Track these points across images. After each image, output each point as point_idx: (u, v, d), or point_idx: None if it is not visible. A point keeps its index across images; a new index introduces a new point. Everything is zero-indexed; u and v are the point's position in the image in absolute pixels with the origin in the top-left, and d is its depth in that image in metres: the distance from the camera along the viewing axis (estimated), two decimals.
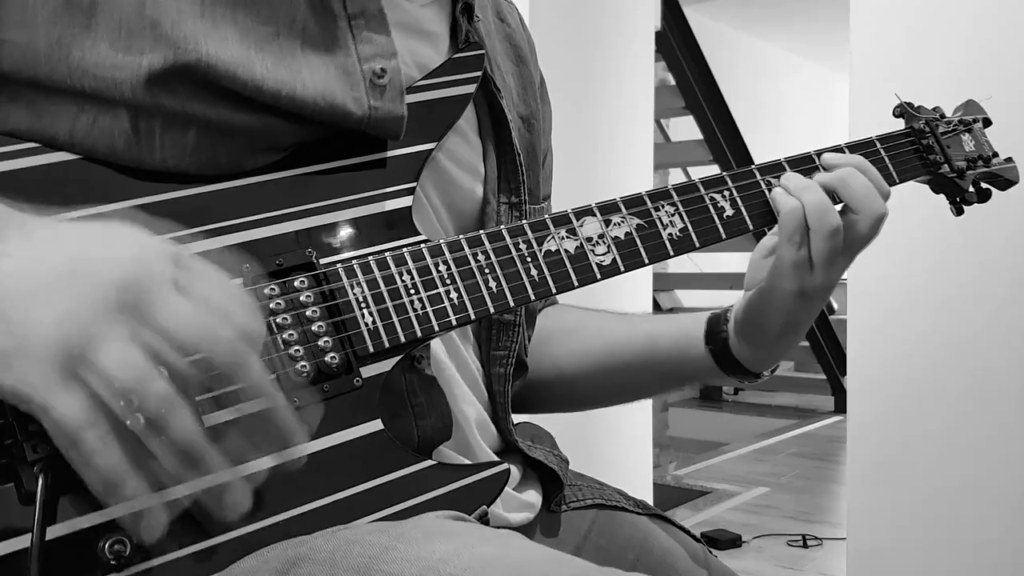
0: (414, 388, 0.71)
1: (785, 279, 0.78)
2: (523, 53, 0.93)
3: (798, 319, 0.81)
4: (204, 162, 0.65)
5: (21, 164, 0.62)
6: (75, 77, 0.62)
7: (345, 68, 0.69)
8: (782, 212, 0.78)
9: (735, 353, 0.87)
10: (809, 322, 0.83)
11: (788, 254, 0.78)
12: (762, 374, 0.88)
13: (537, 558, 0.60)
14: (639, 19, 2.91)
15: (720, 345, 0.87)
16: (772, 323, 0.82)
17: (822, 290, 0.79)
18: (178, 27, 0.63)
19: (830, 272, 0.78)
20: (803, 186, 0.78)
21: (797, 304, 0.79)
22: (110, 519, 0.57)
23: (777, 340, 0.83)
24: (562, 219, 0.75)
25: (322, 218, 0.68)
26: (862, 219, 0.78)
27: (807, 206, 0.77)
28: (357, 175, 0.71)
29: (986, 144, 0.94)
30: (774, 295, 0.80)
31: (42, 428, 0.56)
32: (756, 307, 0.83)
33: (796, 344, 0.85)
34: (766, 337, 0.83)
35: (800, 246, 0.77)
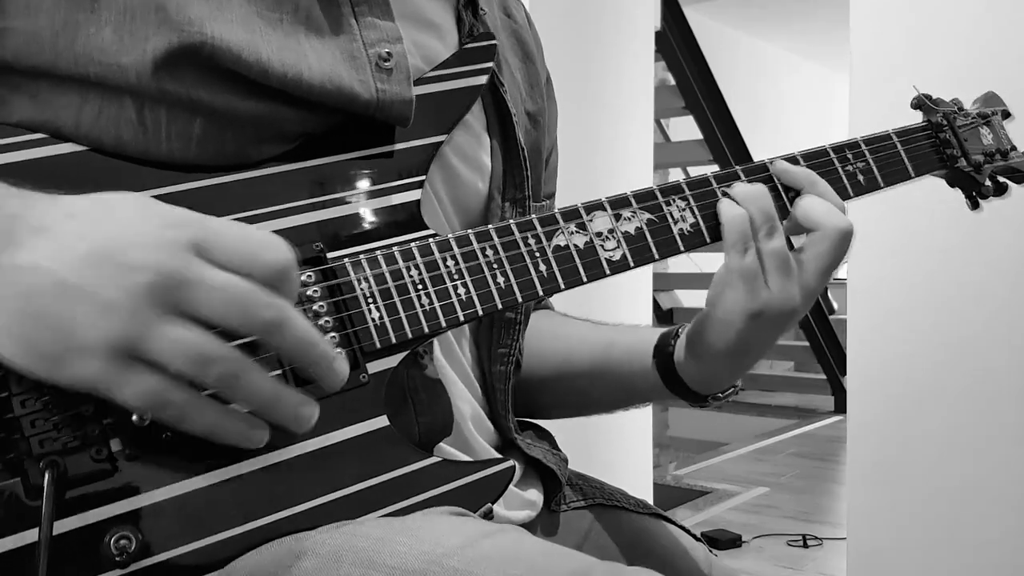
0: (416, 384, 0.71)
1: (735, 292, 0.73)
2: (530, 50, 0.93)
3: (748, 340, 0.75)
4: (211, 153, 0.65)
5: (28, 155, 0.62)
6: (80, 64, 0.62)
7: (351, 52, 0.69)
8: (726, 219, 0.74)
9: (679, 370, 0.82)
10: (763, 348, 0.77)
11: (734, 264, 0.73)
12: (707, 398, 0.83)
13: (539, 552, 0.60)
14: (639, 19, 2.91)
15: (665, 359, 0.83)
16: (719, 341, 0.76)
17: (778, 313, 0.73)
18: (183, 10, 0.63)
19: (786, 291, 0.73)
20: (751, 194, 0.75)
21: (748, 324, 0.74)
22: (116, 514, 0.58)
23: (725, 361, 0.78)
24: (572, 213, 0.74)
25: (329, 211, 0.68)
26: (823, 237, 0.74)
27: (752, 214, 0.74)
28: (365, 167, 0.70)
29: (1005, 137, 0.92)
30: (724, 310, 0.75)
31: (50, 424, 0.57)
32: (706, 322, 0.77)
33: (746, 370, 0.80)
34: (713, 356, 0.78)
35: (744, 255, 0.73)
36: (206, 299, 0.52)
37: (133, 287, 0.51)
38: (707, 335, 0.77)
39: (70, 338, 0.51)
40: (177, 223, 0.54)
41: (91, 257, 0.52)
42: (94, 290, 0.51)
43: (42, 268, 0.52)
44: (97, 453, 0.57)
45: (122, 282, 0.51)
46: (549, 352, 0.92)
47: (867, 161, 0.84)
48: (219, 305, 0.53)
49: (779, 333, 0.77)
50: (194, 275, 0.52)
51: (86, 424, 0.57)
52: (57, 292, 0.51)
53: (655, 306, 6.75)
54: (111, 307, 0.51)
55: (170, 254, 0.52)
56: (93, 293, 0.51)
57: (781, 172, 0.79)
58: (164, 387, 0.52)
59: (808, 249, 0.75)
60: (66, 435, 0.57)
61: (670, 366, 0.83)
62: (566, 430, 0.98)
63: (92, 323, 0.51)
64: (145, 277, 0.52)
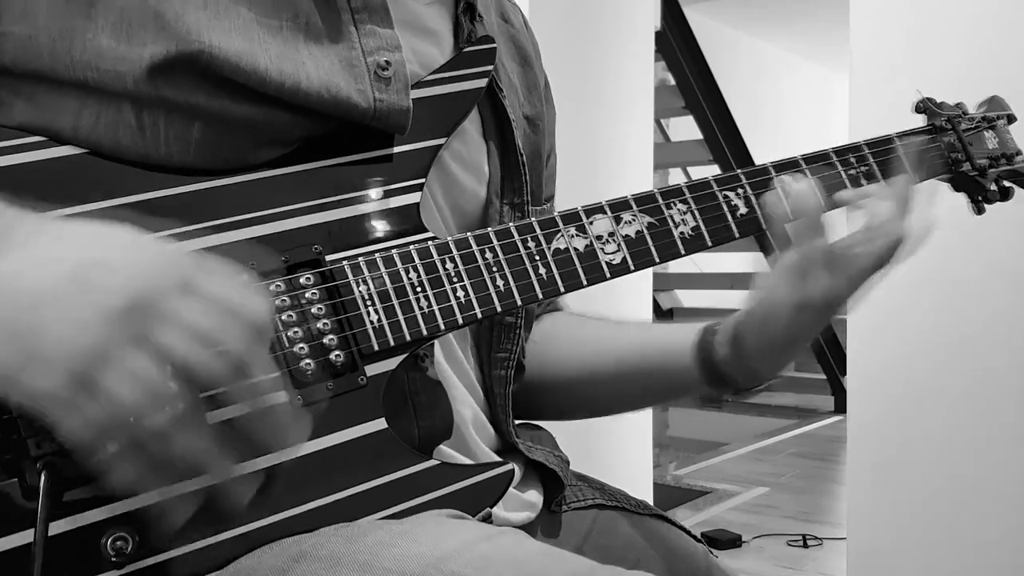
0: (416, 386, 0.71)
1: (783, 285, 0.76)
2: (527, 54, 0.92)
3: (794, 332, 0.77)
4: (209, 157, 0.65)
5: (27, 158, 0.62)
6: (78, 69, 0.62)
7: (349, 61, 0.69)
8: (774, 216, 0.77)
9: (720, 365, 0.83)
10: (806, 339, 0.79)
11: (784, 258, 0.76)
12: (749, 390, 0.84)
13: (539, 555, 0.60)
14: (639, 19, 2.91)
15: (706, 355, 0.83)
16: (766, 335, 0.78)
17: (824, 305, 0.75)
18: (181, 18, 0.63)
19: (830, 284, 0.75)
20: (798, 191, 0.76)
21: (795, 316, 0.76)
22: (113, 515, 0.58)
23: (772, 353, 0.79)
24: (572, 217, 0.74)
25: (328, 214, 0.68)
26: (876, 240, 0.76)
27: (794, 210, 0.76)
28: (364, 171, 0.70)
29: (1010, 141, 0.92)
30: (772, 303, 0.77)
31: (45, 426, 0.56)
32: (754, 316, 0.79)
33: (788, 362, 0.81)
34: (759, 350, 0.79)
35: (794, 251, 0.75)
36: (174, 333, 0.51)
37: (107, 310, 0.50)
38: (754, 329, 0.79)
39: (35, 348, 0.50)
40: (165, 257, 0.54)
41: (73, 275, 0.51)
42: (68, 306, 0.50)
43: (23, 277, 0.51)
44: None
45: (98, 304, 0.50)
46: (578, 354, 0.92)
47: (870, 164, 0.84)
48: (185, 341, 0.51)
49: (823, 325, 0.78)
50: (170, 308, 0.52)
51: None
52: (32, 302, 0.50)
53: (655, 306, 6.75)
54: (81, 325, 0.50)
55: (152, 285, 0.52)
56: (67, 308, 0.50)
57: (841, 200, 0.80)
58: (102, 431, 0.50)
59: (862, 244, 0.75)
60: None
61: (712, 362, 0.83)
62: (566, 431, 0.97)
63: (59, 337, 0.50)
64: (121, 302, 0.51)
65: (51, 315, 0.50)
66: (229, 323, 0.53)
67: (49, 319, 0.50)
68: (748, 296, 0.80)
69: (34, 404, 0.50)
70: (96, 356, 0.50)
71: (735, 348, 0.81)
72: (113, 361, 0.50)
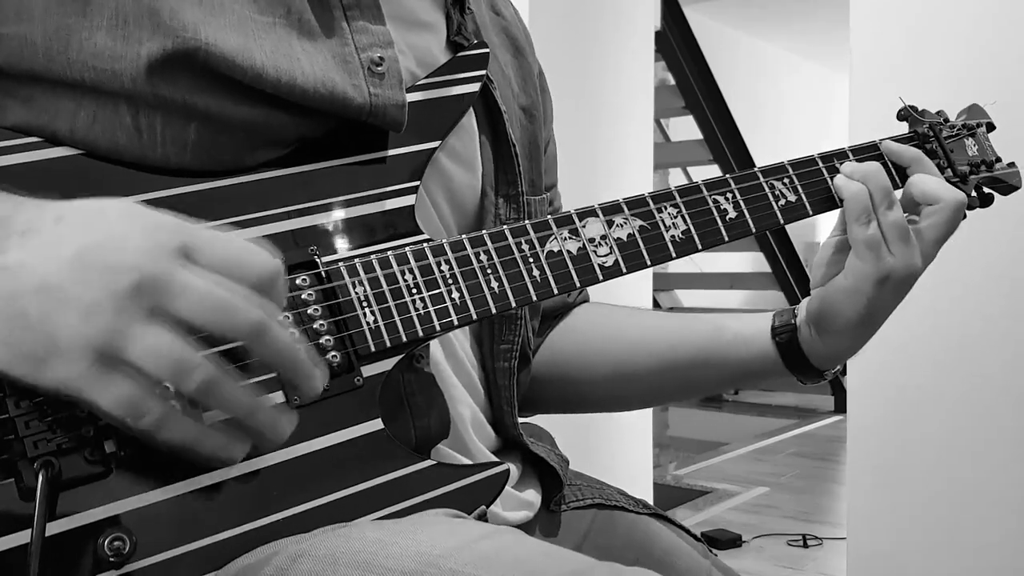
0: (412, 387, 0.71)
1: (862, 262, 0.79)
2: (520, 44, 0.93)
3: (877, 307, 0.81)
4: (206, 158, 0.65)
5: (23, 159, 0.62)
6: (74, 69, 0.62)
7: (343, 57, 0.69)
8: (847, 196, 0.80)
9: (804, 347, 0.86)
10: (887, 313, 0.83)
11: (859, 235, 0.79)
12: (824, 373, 0.88)
13: (537, 553, 0.60)
14: (639, 19, 2.91)
15: (788, 338, 0.86)
16: (849, 311, 0.81)
17: (903, 276, 0.79)
18: (176, 16, 0.63)
19: (908, 256, 0.79)
20: (863, 170, 0.81)
21: (876, 290, 0.79)
22: (110, 515, 0.58)
23: (854, 330, 0.83)
24: (565, 219, 0.75)
25: (324, 216, 0.68)
26: (943, 207, 0.81)
27: (871, 189, 0.80)
28: (360, 173, 0.70)
29: (989, 149, 0.94)
30: (852, 280, 0.80)
31: (44, 425, 0.57)
32: (834, 296, 0.82)
33: (869, 338, 0.85)
34: (843, 327, 0.83)
35: (867, 226, 0.79)
36: (189, 303, 0.52)
37: (117, 289, 0.51)
38: (837, 307, 0.82)
39: (52, 340, 0.50)
40: (165, 228, 0.54)
41: (77, 260, 0.51)
42: (78, 292, 0.51)
43: (26, 268, 0.51)
44: (91, 454, 0.57)
45: (106, 284, 0.51)
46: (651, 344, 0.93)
47: None
48: (202, 310, 0.52)
49: (900, 297, 0.82)
50: (178, 279, 0.52)
51: (80, 425, 0.57)
52: (40, 293, 0.51)
53: (655, 306, 6.75)
54: (94, 309, 0.50)
55: (155, 258, 0.52)
56: (77, 295, 0.51)
57: (891, 152, 0.86)
58: (142, 394, 0.51)
59: (926, 219, 0.81)
60: (60, 436, 0.57)
61: (794, 344, 0.86)
62: (566, 431, 0.98)
63: (74, 325, 0.50)
64: (129, 279, 0.51)
65: (63, 302, 0.50)
66: (238, 279, 0.53)
67: (62, 306, 0.50)
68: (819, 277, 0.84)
69: (65, 390, 0.51)
70: (115, 334, 0.50)
71: (818, 329, 0.84)
72: (134, 336, 0.51)
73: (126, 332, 0.51)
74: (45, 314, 0.50)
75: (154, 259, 0.52)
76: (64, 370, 0.51)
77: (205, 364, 0.52)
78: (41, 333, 0.51)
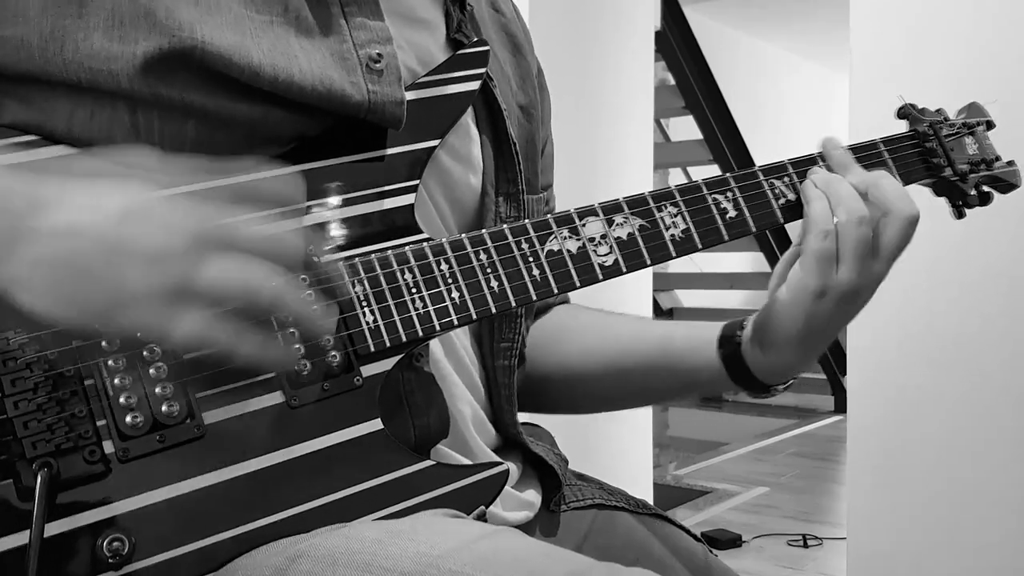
0: (412, 386, 0.71)
1: (809, 276, 0.75)
2: (519, 42, 0.92)
3: (819, 325, 0.77)
4: (204, 155, 0.65)
5: (20, 158, 0.62)
6: (70, 70, 0.62)
7: (341, 54, 0.69)
8: (811, 204, 0.77)
9: (747, 360, 0.83)
10: (831, 333, 0.79)
11: (815, 245, 0.75)
12: (773, 388, 0.85)
13: (536, 553, 0.60)
14: (639, 19, 2.91)
15: (732, 350, 0.84)
16: (791, 326, 0.78)
17: (849, 293, 0.75)
18: (173, 14, 0.63)
19: (858, 272, 0.75)
20: (831, 180, 0.77)
21: (818, 306, 0.76)
22: (109, 516, 0.58)
23: (795, 347, 0.79)
24: (565, 219, 0.74)
25: (324, 215, 0.68)
26: (892, 221, 0.76)
27: (834, 198, 0.76)
28: (359, 171, 0.70)
29: (989, 147, 0.93)
30: (797, 294, 0.77)
31: (43, 426, 0.57)
32: (776, 309, 0.79)
33: (814, 358, 0.81)
34: (783, 342, 0.79)
35: (826, 237, 0.75)
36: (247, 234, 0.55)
37: (179, 233, 0.53)
38: (775, 320, 0.79)
39: (121, 291, 0.52)
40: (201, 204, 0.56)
41: (124, 213, 0.53)
42: (138, 243, 0.52)
43: (79, 227, 0.52)
44: (90, 455, 0.57)
45: (162, 234, 0.53)
46: (601, 347, 0.92)
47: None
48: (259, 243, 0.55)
49: (846, 317, 0.78)
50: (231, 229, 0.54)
51: (79, 426, 0.57)
52: (101, 249, 0.52)
53: (655, 306, 6.75)
54: (158, 256, 0.52)
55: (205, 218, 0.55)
56: (138, 246, 0.52)
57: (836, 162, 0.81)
58: (212, 321, 0.53)
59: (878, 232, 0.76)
60: (59, 437, 0.57)
61: (737, 356, 0.83)
62: (566, 431, 0.98)
63: (141, 275, 0.52)
64: (191, 225, 0.53)
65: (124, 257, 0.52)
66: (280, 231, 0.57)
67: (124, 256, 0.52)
68: (769, 288, 0.80)
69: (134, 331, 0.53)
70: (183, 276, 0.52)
71: (759, 343, 0.82)
72: (201, 272, 0.53)
73: (194, 269, 0.52)
74: (109, 269, 0.52)
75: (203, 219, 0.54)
76: (135, 314, 0.52)
77: (270, 280, 0.54)
78: (110, 288, 0.52)
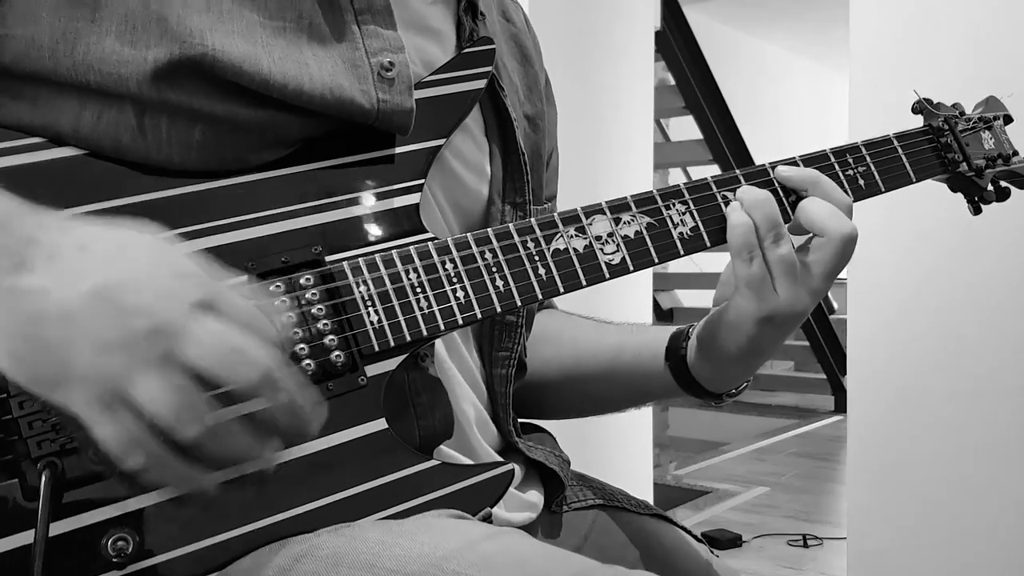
0: (417, 387, 0.71)
1: (743, 299, 0.74)
2: (528, 53, 0.92)
3: (760, 344, 0.76)
4: (210, 158, 0.65)
5: (27, 159, 0.62)
6: (80, 72, 0.62)
7: (353, 61, 0.69)
8: (731, 227, 0.74)
9: (693, 372, 0.82)
10: (773, 348, 0.78)
11: (741, 271, 0.73)
12: (722, 396, 0.84)
13: (540, 555, 0.60)
14: (639, 19, 2.91)
15: (678, 362, 0.83)
16: (731, 344, 0.77)
17: (789, 315, 0.74)
18: (184, 21, 0.63)
19: (794, 295, 0.73)
20: (756, 201, 0.74)
21: (759, 328, 0.74)
22: (113, 516, 0.58)
23: (736, 362, 0.79)
24: (571, 217, 0.74)
25: (328, 215, 0.68)
26: (828, 242, 0.74)
27: (757, 222, 0.73)
28: (364, 171, 0.70)
29: (1006, 142, 0.92)
30: (734, 315, 0.75)
31: (48, 426, 0.57)
32: (716, 326, 0.78)
33: (756, 368, 0.80)
34: (725, 358, 0.79)
35: (750, 263, 0.73)
36: (199, 352, 0.52)
37: (131, 331, 0.51)
38: (718, 339, 0.78)
39: (65, 367, 0.51)
40: (188, 279, 0.54)
41: (96, 294, 0.52)
42: (95, 327, 0.51)
43: (50, 297, 0.52)
44: (95, 454, 0.57)
45: (122, 324, 0.51)
46: (559, 355, 0.92)
47: (868, 165, 0.83)
48: (211, 360, 0.52)
49: (788, 334, 0.77)
50: (191, 329, 0.52)
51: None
52: (60, 322, 0.52)
53: (655, 306, 6.75)
54: (108, 347, 0.51)
55: (172, 307, 0.52)
56: (94, 330, 0.51)
57: (784, 179, 0.78)
58: (139, 435, 0.51)
59: (813, 253, 0.74)
60: (64, 437, 0.57)
61: (683, 367, 0.83)
62: (566, 430, 0.97)
63: (88, 359, 0.51)
64: (144, 323, 0.52)
65: (80, 334, 0.51)
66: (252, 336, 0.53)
67: (78, 337, 0.51)
68: (717, 297, 0.78)
69: (69, 414, 0.52)
70: (125, 374, 0.51)
71: (703, 354, 0.81)
72: (142, 379, 0.51)
73: (134, 374, 0.51)
74: (62, 343, 0.51)
75: (171, 307, 0.52)
76: (72, 397, 0.52)
77: (206, 415, 0.52)
78: (56, 359, 0.51)
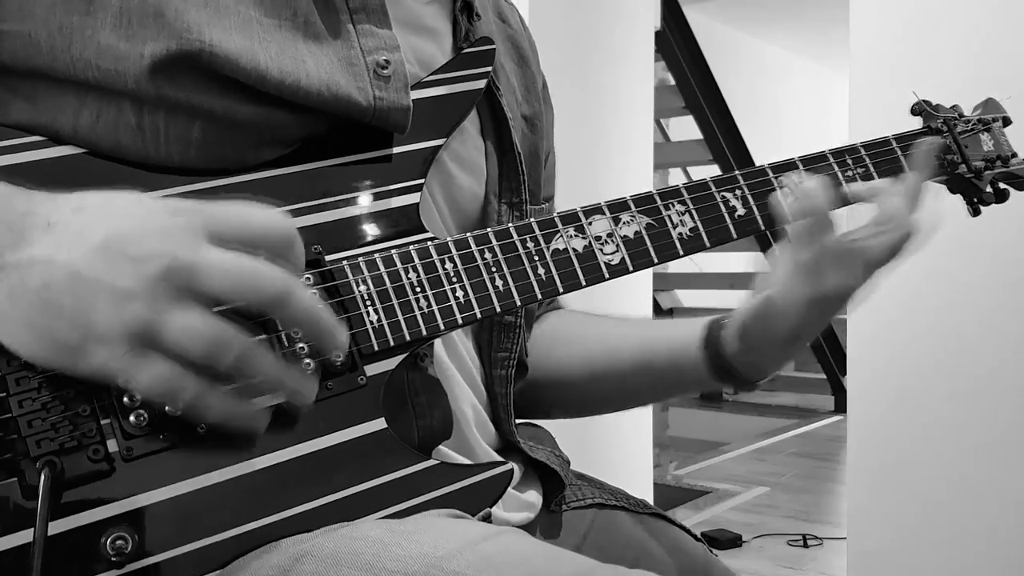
0: (416, 387, 0.71)
1: (796, 283, 0.77)
2: (525, 54, 0.92)
3: (805, 328, 0.79)
4: (209, 157, 0.65)
5: (26, 158, 0.62)
6: (77, 68, 0.62)
7: (348, 59, 0.69)
8: (785, 215, 0.78)
9: (730, 359, 0.84)
10: (815, 332, 0.81)
11: (797, 256, 0.77)
12: (756, 383, 0.86)
13: (539, 555, 0.60)
14: (639, 19, 2.91)
15: (714, 349, 0.85)
16: (779, 329, 0.79)
17: (835, 299, 0.77)
18: (181, 16, 0.63)
19: (843, 280, 0.76)
20: (807, 190, 0.77)
21: (807, 311, 0.77)
22: (113, 515, 0.58)
23: (781, 347, 0.81)
24: (571, 217, 0.74)
25: (328, 214, 0.68)
26: (886, 234, 0.77)
27: (814, 210, 0.76)
28: (364, 171, 0.70)
29: (1005, 144, 0.92)
30: (786, 300, 0.78)
31: (47, 424, 0.57)
32: (764, 312, 0.80)
33: (794, 355, 0.83)
34: (770, 344, 0.81)
35: (805, 248, 0.76)
36: (215, 280, 0.53)
37: (147, 275, 0.52)
38: (765, 324, 0.80)
39: (88, 328, 0.52)
40: (184, 212, 0.56)
41: (103, 248, 0.53)
42: (110, 280, 0.52)
43: (56, 262, 0.52)
44: (94, 453, 0.57)
45: (136, 272, 0.52)
46: (587, 353, 0.93)
47: (867, 166, 0.84)
48: (229, 284, 0.54)
49: (830, 320, 0.80)
50: (203, 259, 0.54)
51: (83, 424, 0.57)
52: (73, 284, 0.52)
53: (655, 306, 6.75)
54: (127, 296, 0.52)
55: (180, 242, 0.54)
56: (109, 283, 0.52)
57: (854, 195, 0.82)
58: (178, 374, 0.53)
59: (868, 239, 0.77)
60: (63, 435, 0.57)
61: (720, 356, 0.84)
62: (566, 431, 0.97)
63: (109, 313, 0.52)
64: (158, 265, 0.53)
65: (96, 291, 0.52)
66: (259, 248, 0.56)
67: (95, 295, 0.52)
68: (755, 292, 0.81)
69: (104, 375, 0.53)
70: (150, 321, 0.52)
71: (743, 342, 0.82)
72: (167, 320, 0.52)
73: (160, 316, 0.52)
74: (79, 304, 0.52)
75: (178, 243, 0.54)
76: (102, 356, 0.53)
77: (238, 339, 0.54)
78: (77, 322, 0.52)
